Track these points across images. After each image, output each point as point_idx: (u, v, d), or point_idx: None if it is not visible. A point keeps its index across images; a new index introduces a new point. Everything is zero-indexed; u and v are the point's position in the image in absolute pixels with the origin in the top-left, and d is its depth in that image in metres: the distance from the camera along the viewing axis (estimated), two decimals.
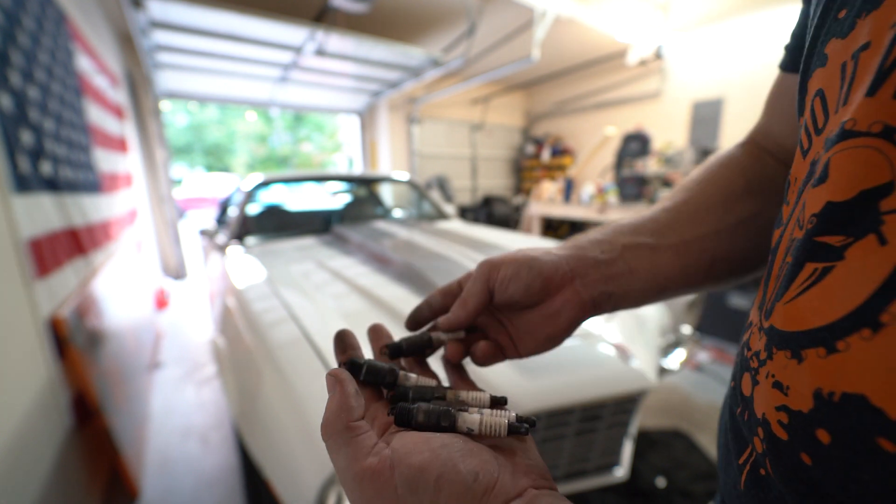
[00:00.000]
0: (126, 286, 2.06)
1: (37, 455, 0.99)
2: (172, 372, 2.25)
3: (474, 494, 0.17)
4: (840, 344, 0.15)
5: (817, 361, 0.16)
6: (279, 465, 0.73)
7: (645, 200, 3.33)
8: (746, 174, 0.33)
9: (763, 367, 0.19)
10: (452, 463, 0.17)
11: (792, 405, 0.17)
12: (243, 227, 2.05)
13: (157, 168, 3.93)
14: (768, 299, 0.20)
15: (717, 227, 0.31)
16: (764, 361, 0.19)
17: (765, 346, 0.20)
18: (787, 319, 0.18)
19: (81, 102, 1.95)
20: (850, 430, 0.14)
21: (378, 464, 0.18)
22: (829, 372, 0.15)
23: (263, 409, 0.81)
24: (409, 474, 0.17)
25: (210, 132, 15.12)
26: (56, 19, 1.71)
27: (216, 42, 3.06)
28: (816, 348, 0.16)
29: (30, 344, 1.06)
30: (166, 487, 1.40)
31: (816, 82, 0.19)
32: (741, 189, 0.32)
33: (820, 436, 0.16)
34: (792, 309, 0.18)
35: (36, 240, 1.17)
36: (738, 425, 0.22)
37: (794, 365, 0.17)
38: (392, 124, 5.40)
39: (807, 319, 0.17)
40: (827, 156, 0.17)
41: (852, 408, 0.14)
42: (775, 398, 0.18)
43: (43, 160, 1.31)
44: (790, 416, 0.17)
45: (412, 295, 1.22)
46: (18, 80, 1.20)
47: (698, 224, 0.31)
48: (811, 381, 0.16)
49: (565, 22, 3.42)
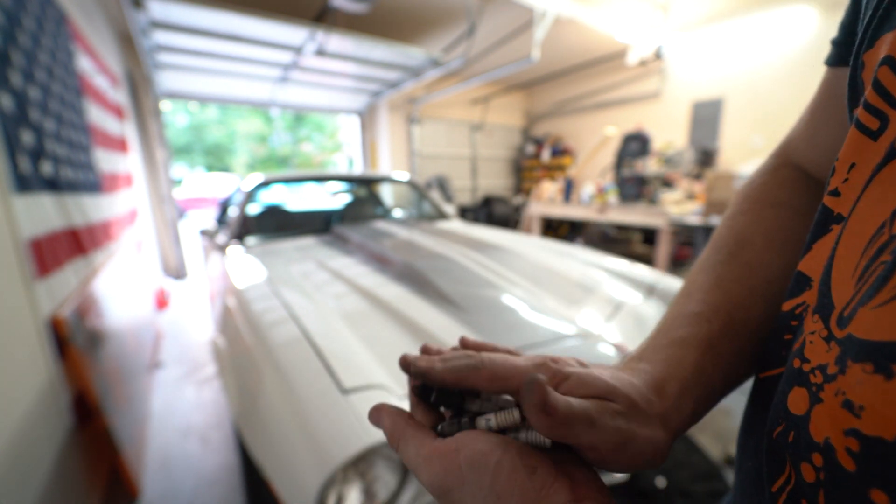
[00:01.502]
0: (126, 286, 2.06)
1: (37, 455, 0.99)
2: (173, 372, 2.25)
3: (532, 487, 0.17)
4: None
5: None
6: (280, 464, 0.73)
7: (645, 200, 3.33)
8: (800, 212, 0.30)
9: (831, 384, 0.16)
10: (511, 454, 0.18)
11: (866, 430, 0.14)
12: (243, 227, 2.05)
13: (157, 168, 3.93)
14: (843, 304, 0.17)
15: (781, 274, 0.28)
16: (833, 377, 0.16)
17: (836, 359, 0.17)
18: (877, 327, 0.15)
19: (82, 102, 1.95)
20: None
21: (444, 446, 0.20)
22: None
23: (264, 409, 0.81)
24: (472, 456, 0.19)
25: (210, 132, 15.13)
26: (56, 19, 1.71)
27: (216, 42, 3.06)
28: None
29: (30, 344, 1.06)
30: (167, 487, 1.40)
31: (883, 50, 0.17)
32: (795, 227, 0.29)
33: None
34: (885, 314, 0.15)
35: (36, 240, 1.17)
36: (779, 447, 0.19)
37: (879, 381, 0.14)
38: (392, 124, 5.40)
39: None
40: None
41: None
42: (845, 420, 0.15)
43: (43, 160, 1.31)
44: (862, 443, 0.14)
45: (412, 295, 1.22)
46: (19, 80, 1.20)
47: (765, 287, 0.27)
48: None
49: (565, 22, 3.42)
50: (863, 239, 0.17)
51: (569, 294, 1.30)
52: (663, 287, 1.42)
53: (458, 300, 1.14)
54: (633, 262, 1.68)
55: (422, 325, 1.03)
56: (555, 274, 1.47)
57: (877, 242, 0.16)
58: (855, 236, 0.18)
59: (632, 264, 1.62)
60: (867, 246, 0.17)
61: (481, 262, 1.46)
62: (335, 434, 0.69)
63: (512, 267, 1.45)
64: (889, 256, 0.16)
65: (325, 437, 0.69)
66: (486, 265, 1.44)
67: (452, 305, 1.13)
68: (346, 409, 0.73)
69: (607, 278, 1.51)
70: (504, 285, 1.28)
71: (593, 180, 4.82)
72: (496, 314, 1.10)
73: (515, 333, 1.01)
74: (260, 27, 2.88)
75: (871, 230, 0.17)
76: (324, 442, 0.69)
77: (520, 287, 1.29)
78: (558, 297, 1.25)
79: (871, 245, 0.17)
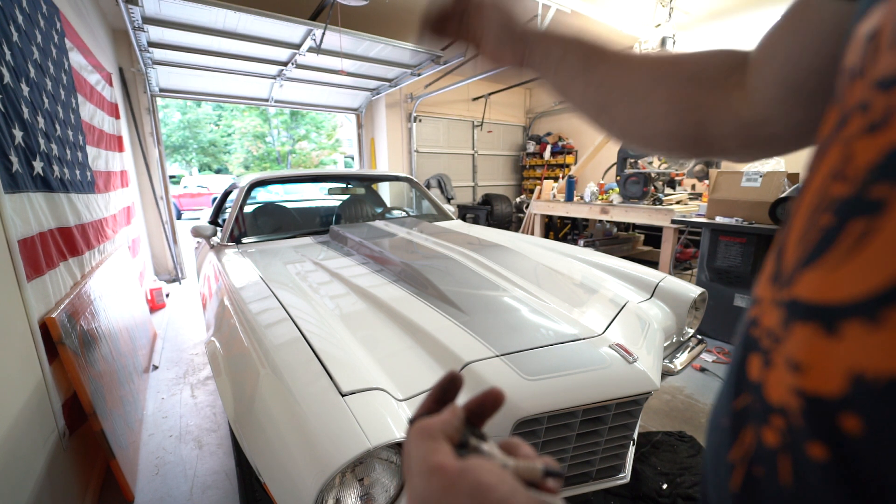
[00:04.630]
0: (120, 287, 2.04)
1: (28, 460, 0.97)
2: (168, 374, 2.23)
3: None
4: (891, 314, 0.13)
5: (860, 337, 0.13)
6: (276, 468, 0.71)
7: (648, 199, 3.31)
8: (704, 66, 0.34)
9: (780, 346, 0.17)
10: (517, 497, 0.17)
11: (809, 387, 0.15)
12: (239, 227, 2.02)
13: (152, 167, 3.90)
14: (788, 267, 0.18)
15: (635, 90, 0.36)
16: (781, 339, 0.17)
17: (783, 322, 0.17)
18: (820, 288, 0.15)
19: (75, 100, 1.92)
20: None
21: (451, 465, 0.19)
22: (874, 350, 0.13)
23: (260, 412, 0.80)
24: (476, 486, 0.18)
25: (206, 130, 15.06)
26: (49, 16, 1.68)
27: (212, 39, 3.03)
28: (860, 319, 0.13)
29: (21, 346, 1.03)
30: (161, 492, 1.38)
31: (870, 22, 0.16)
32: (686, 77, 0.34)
33: (847, 424, 0.13)
34: (828, 276, 0.15)
35: (27, 240, 1.14)
36: (740, 417, 0.20)
37: (819, 340, 0.15)
38: (391, 122, 5.38)
39: (848, 287, 0.14)
40: (892, 98, 0.14)
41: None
42: (793, 380, 0.16)
43: (35, 159, 1.29)
44: (806, 400, 0.15)
45: (411, 296, 1.20)
46: (10, 77, 1.18)
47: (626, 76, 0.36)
48: (846, 360, 0.14)
49: (568, 16, 3.40)
50: (811, 204, 0.18)
51: (570, 295, 1.28)
52: (665, 287, 1.41)
53: (458, 301, 1.13)
54: (634, 262, 1.67)
55: (421, 327, 1.02)
56: (556, 274, 1.45)
57: (818, 206, 0.17)
58: (806, 202, 0.18)
59: (633, 265, 1.61)
60: (811, 211, 0.17)
61: (482, 262, 1.45)
62: (333, 437, 0.68)
63: (512, 267, 1.44)
64: (827, 219, 0.16)
65: (323, 440, 0.68)
66: (486, 265, 1.42)
67: (452, 306, 1.11)
68: (345, 412, 0.71)
69: (608, 279, 1.50)
70: (504, 286, 1.26)
71: (595, 179, 4.81)
72: (496, 315, 1.08)
73: (516, 334, 0.99)
74: (256, 23, 2.85)
75: (815, 195, 0.17)
76: (321, 445, 0.67)
77: (520, 288, 1.27)
78: (559, 298, 1.23)
79: (814, 210, 0.17)
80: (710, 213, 2.56)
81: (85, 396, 1.17)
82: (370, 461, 0.70)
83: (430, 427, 0.22)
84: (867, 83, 0.15)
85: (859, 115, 0.16)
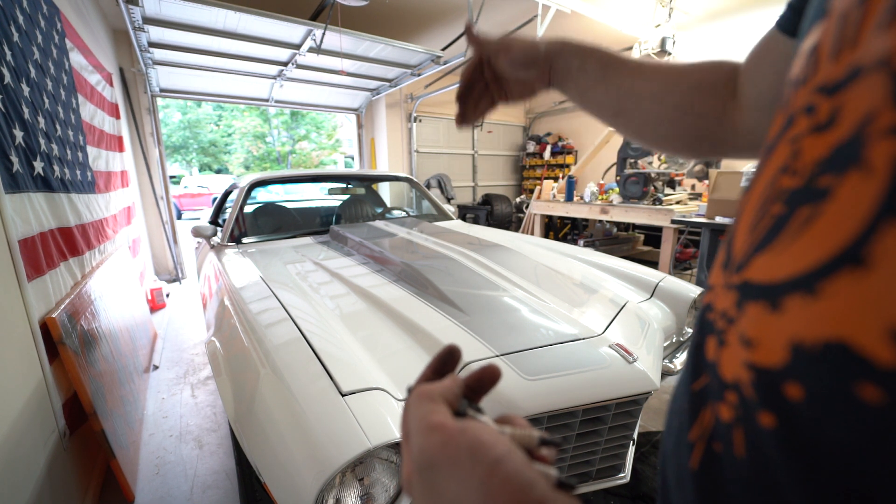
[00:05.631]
0: (121, 287, 2.04)
1: (28, 461, 0.97)
2: (168, 374, 2.23)
3: (527, 500, 0.16)
4: (825, 286, 0.13)
5: (799, 309, 0.14)
6: (276, 468, 0.71)
7: (648, 199, 3.31)
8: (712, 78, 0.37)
9: (733, 326, 0.18)
10: (515, 460, 0.18)
11: (758, 360, 0.16)
12: (240, 227, 2.03)
13: (152, 167, 3.90)
14: (740, 254, 0.19)
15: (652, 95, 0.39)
16: (734, 320, 0.18)
17: (736, 303, 0.18)
18: (769, 269, 0.17)
19: (75, 100, 1.92)
20: (830, 382, 0.13)
21: (451, 424, 0.20)
22: (811, 319, 0.14)
23: (261, 412, 0.80)
24: (475, 443, 0.18)
25: (206, 130, 15.06)
26: (50, 17, 1.68)
27: (212, 39, 3.03)
28: (800, 293, 0.14)
29: (21, 346, 1.03)
30: (161, 492, 1.38)
31: (811, 39, 0.18)
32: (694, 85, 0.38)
33: (790, 391, 0.14)
34: (776, 258, 0.16)
35: (28, 240, 1.14)
36: (698, 398, 0.20)
37: (767, 315, 0.16)
38: (391, 122, 5.38)
39: (791, 265, 0.15)
40: (836, 101, 0.15)
41: (834, 357, 0.13)
42: (744, 355, 0.17)
43: (36, 159, 1.29)
44: (755, 373, 0.16)
45: (411, 296, 1.20)
46: (11, 77, 1.18)
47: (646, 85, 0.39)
48: (788, 332, 0.15)
49: (568, 17, 3.41)
50: (762, 196, 0.19)
51: (569, 295, 1.28)
52: (665, 287, 1.41)
53: (458, 301, 1.13)
54: (634, 262, 1.67)
55: (421, 327, 1.02)
56: (555, 274, 1.45)
57: (769, 197, 0.18)
58: (756, 194, 0.20)
59: (633, 265, 1.61)
60: (762, 202, 0.19)
61: (482, 262, 1.45)
62: (333, 437, 0.68)
63: (512, 267, 1.44)
64: (778, 208, 0.17)
65: (323, 439, 0.68)
66: (486, 265, 1.42)
67: (452, 306, 1.11)
68: (345, 412, 0.71)
69: (608, 279, 1.50)
70: (504, 286, 1.26)
71: (595, 179, 4.81)
72: (496, 315, 1.08)
73: (515, 334, 0.99)
74: (257, 23, 2.85)
75: (766, 188, 0.19)
76: (322, 445, 0.67)
77: (520, 288, 1.27)
78: (559, 298, 1.23)
79: (765, 201, 0.18)
80: (709, 213, 2.56)
81: (85, 396, 1.18)
82: (370, 461, 0.70)
83: (430, 391, 0.22)
84: (810, 89, 0.17)
85: (805, 116, 0.17)
